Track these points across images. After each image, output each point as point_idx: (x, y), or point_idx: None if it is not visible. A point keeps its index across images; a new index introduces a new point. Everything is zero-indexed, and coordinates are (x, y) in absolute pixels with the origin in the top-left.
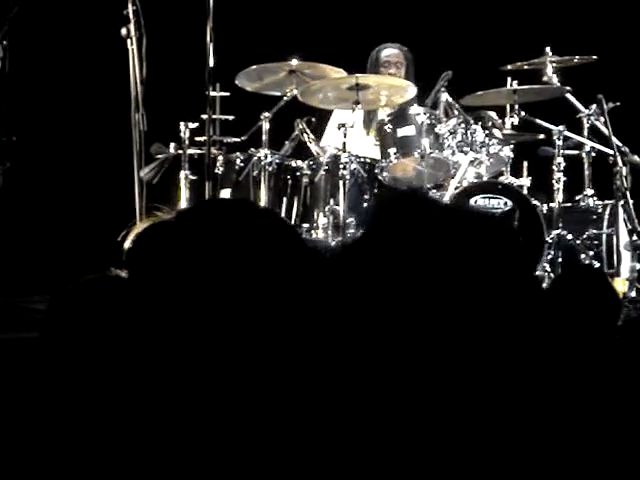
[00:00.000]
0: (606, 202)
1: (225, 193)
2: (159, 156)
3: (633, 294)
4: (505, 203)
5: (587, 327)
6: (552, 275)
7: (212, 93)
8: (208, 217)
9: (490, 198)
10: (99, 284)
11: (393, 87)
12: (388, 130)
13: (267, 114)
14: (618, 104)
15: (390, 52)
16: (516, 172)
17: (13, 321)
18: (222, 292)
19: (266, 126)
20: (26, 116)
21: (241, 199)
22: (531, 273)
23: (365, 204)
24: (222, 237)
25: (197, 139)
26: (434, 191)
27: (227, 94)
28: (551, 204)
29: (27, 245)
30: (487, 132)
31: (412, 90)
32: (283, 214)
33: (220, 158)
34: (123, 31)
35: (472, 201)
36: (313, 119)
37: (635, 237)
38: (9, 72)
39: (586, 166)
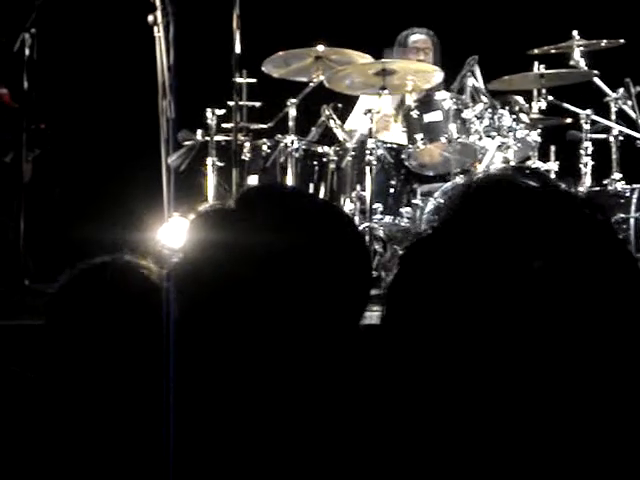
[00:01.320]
0: (634, 186)
1: (252, 179)
2: (186, 143)
3: None
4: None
5: (615, 313)
6: None
7: (239, 80)
8: (268, 206)
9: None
10: (103, 271)
11: (419, 72)
12: (415, 116)
13: (293, 100)
14: None
15: (418, 37)
16: (544, 156)
17: (39, 307)
18: (268, 284)
19: (292, 112)
20: (55, 104)
21: (298, 189)
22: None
23: (391, 189)
24: (281, 227)
25: (224, 126)
26: (461, 176)
27: (254, 80)
28: (579, 188)
29: (56, 232)
30: (514, 117)
31: (439, 75)
32: None
33: (247, 145)
34: (150, 18)
35: None
36: (339, 105)
37: None
38: (38, 60)
39: (614, 150)
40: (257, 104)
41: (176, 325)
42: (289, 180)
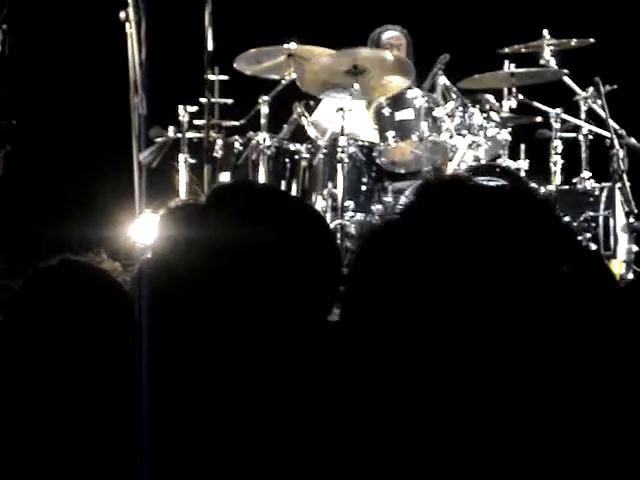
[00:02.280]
0: (603, 184)
1: (224, 176)
2: (158, 139)
3: (630, 276)
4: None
5: (585, 311)
6: None
7: (211, 77)
8: (238, 202)
9: (488, 181)
10: (63, 270)
11: (393, 69)
12: (386, 114)
13: (266, 97)
14: (615, 87)
15: (391, 34)
16: (514, 155)
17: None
18: (240, 277)
19: (265, 110)
20: (26, 100)
21: (270, 186)
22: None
23: (363, 187)
24: (251, 224)
25: (196, 123)
26: (432, 174)
27: (226, 78)
28: (548, 186)
29: (27, 228)
30: (485, 115)
31: (412, 72)
32: None
33: (219, 142)
34: (122, 14)
35: None
36: (312, 102)
37: (632, 219)
38: (9, 56)
39: (583, 149)
40: (229, 101)
41: (146, 322)
42: (261, 177)
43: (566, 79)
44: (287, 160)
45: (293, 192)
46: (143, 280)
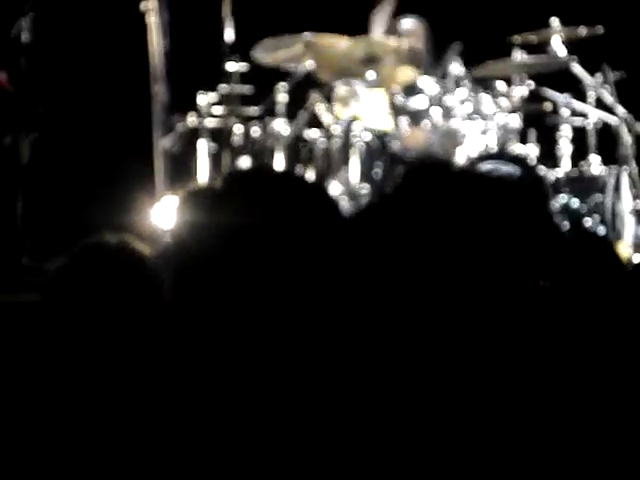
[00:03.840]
0: (611, 169)
1: (242, 162)
2: (179, 127)
3: (638, 259)
4: (513, 171)
5: (593, 293)
6: None
7: (230, 65)
8: (255, 186)
9: (499, 166)
10: (98, 252)
11: (406, 58)
12: (399, 101)
13: (283, 85)
14: (623, 74)
15: (409, 24)
16: (524, 141)
17: (38, 285)
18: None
19: (282, 97)
20: (51, 88)
21: (286, 171)
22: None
23: (377, 172)
24: (267, 207)
25: (215, 110)
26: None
27: (245, 66)
28: (557, 172)
29: (53, 212)
30: (495, 102)
31: (424, 62)
32: None
33: (238, 129)
34: (143, 4)
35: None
36: (327, 90)
37: (639, 203)
38: (35, 44)
39: (591, 135)
40: (247, 89)
41: (168, 302)
42: (278, 163)
43: (575, 66)
44: (303, 146)
45: (309, 177)
46: (163, 264)
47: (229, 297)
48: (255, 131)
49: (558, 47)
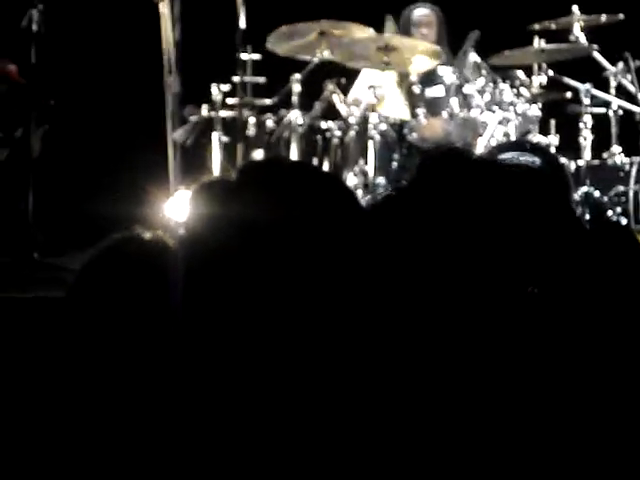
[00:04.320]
0: (633, 159)
1: (257, 154)
2: (192, 118)
3: None
4: (533, 162)
5: (615, 284)
6: None
7: (244, 56)
8: (269, 178)
9: (519, 156)
10: (128, 247)
11: (422, 51)
12: (417, 90)
13: (297, 76)
14: None
15: (422, 12)
16: (544, 130)
17: (49, 281)
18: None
19: (296, 88)
20: (63, 80)
21: (302, 162)
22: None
23: (394, 163)
24: (282, 200)
25: (229, 101)
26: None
27: (258, 56)
28: (579, 162)
29: (64, 206)
30: (515, 91)
31: (441, 55)
32: None
33: (252, 120)
34: None
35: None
36: (343, 80)
37: None
38: (45, 36)
39: (613, 124)
40: (262, 80)
41: (184, 296)
42: (293, 155)
43: (596, 54)
44: (319, 137)
45: (325, 169)
46: (177, 257)
47: (244, 289)
48: (270, 122)
49: (579, 35)
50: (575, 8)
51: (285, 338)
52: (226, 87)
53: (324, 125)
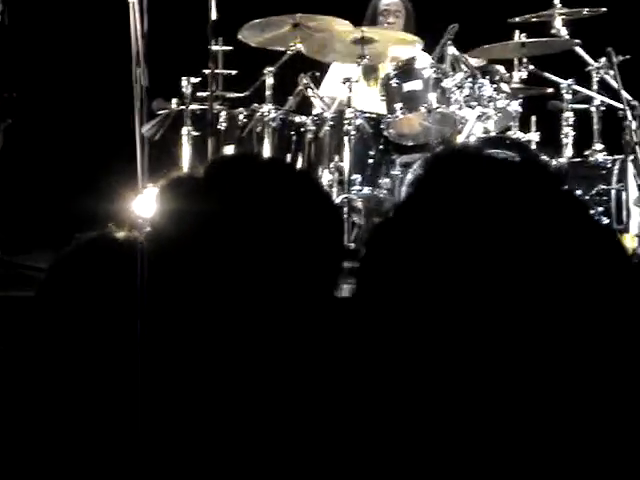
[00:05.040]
0: (615, 157)
1: (228, 149)
2: (161, 112)
3: None
4: (513, 158)
5: (598, 286)
6: None
7: (215, 47)
8: (237, 175)
9: (497, 154)
10: (99, 245)
11: (400, 41)
12: (394, 85)
13: (271, 69)
14: (628, 57)
15: (389, 1)
16: (524, 127)
17: (12, 279)
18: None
19: (269, 81)
20: (26, 72)
21: (274, 159)
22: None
23: (370, 160)
24: (250, 197)
25: (199, 94)
26: (441, 147)
27: (230, 48)
28: (560, 159)
29: (28, 202)
30: (495, 86)
31: (419, 46)
32: None
33: (223, 114)
34: None
35: None
36: (317, 74)
37: None
38: (9, 26)
39: (595, 120)
40: (233, 72)
41: (149, 292)
42: (266, 150)
43: (578, 49)
44: (292, 133)
45: (299, 165)
46: (142, 255)
47: (207, 284)
48: (241, 116)
49: (560, 29)
50: (557, 1)
51: (258, 337)
52: (196, 80)
53: (298, 120)
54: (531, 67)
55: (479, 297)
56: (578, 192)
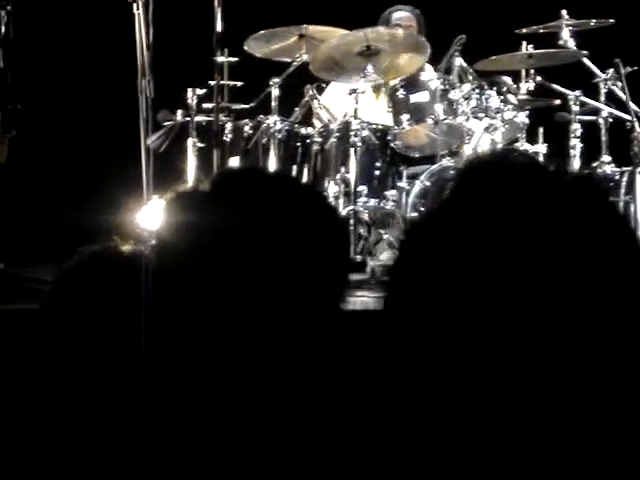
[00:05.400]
0: (624, 169)
1: (234, 161)
2: (166, 123)
3: None
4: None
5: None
6: None
7: (220, 59)
8: (243, 188)
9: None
10: (103, 258)
11: (407, 49)
12: (401, 96)
13: (276, 80)
14: (636, 68)
15: (401, 15)
16: (532, 138)
17: (17, 292)
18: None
19: (275, 92)
20: (31, 84)
21: (279, 172)
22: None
23: (377, 172)
24: (255, 210)
25: (205, 106)
26: (448, 158)
27: (236, 59)
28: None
29: (33, 214)
30: (502, 98)
31: (427, 49)
32: None
33: (228, 125)
34: None
35: None
36: (324, 85)
37: None
38: (13, 38)
39: (603, 132)
40: (239, 84)
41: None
42: (271, 162)
43: (585, 60)
44: (298, 144)
45: (305, 177)
46: (148, 267)
47: (213, 298)
48: (247, 128)
49: (568, 40)
50: (564, 12)
51: (264, 349)
52: (202, 91)
53: (304, 131)
54: (538, 78)
55: (521, 305)
56: None
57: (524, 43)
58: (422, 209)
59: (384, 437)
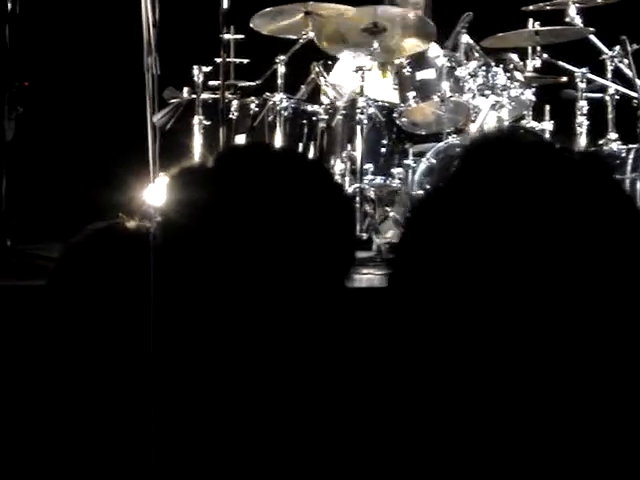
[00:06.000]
0: (630, 146)
1: (240, 138)
2: (172, 101)
3: None
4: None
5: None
6: None
7: (226, 36)
8: (246, 165)
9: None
10: (109, 235)
11: (413, 33)
12: (407, 73)
13: (283, 57)
14: None
15: None
16: (538, 116)
17: (24, 268)
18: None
19: (281, 70)
20: (38, 61)
21: (284, 148)
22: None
23: (383, 149)
24: (260, 186)
25: (211, 83)
26: (454, 136)
27: (242, 37)
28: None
29: (40, 191)
30: (508, 75)
31: (433, 36)
32: None
33: (234, 103)
34: None
35: None
36: (330, 62)
37: None
38: (20, 16)
39: (609, 109)
40: (245, 61)
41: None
42: (278, 139)
43: (592, 37)
44: (305, 122)
45: (311, 154)
46: (153, 244)
47: (218, 275)
48: (253, 105)
49: (574, 17)
50: None
51: (270, 326)
52: (208, 69)
53: (310, 109)
54: (545, 55)
55: (526, 283)
56: None
57: (530, 20)
58: (428, 187)
59: (388, 416)
